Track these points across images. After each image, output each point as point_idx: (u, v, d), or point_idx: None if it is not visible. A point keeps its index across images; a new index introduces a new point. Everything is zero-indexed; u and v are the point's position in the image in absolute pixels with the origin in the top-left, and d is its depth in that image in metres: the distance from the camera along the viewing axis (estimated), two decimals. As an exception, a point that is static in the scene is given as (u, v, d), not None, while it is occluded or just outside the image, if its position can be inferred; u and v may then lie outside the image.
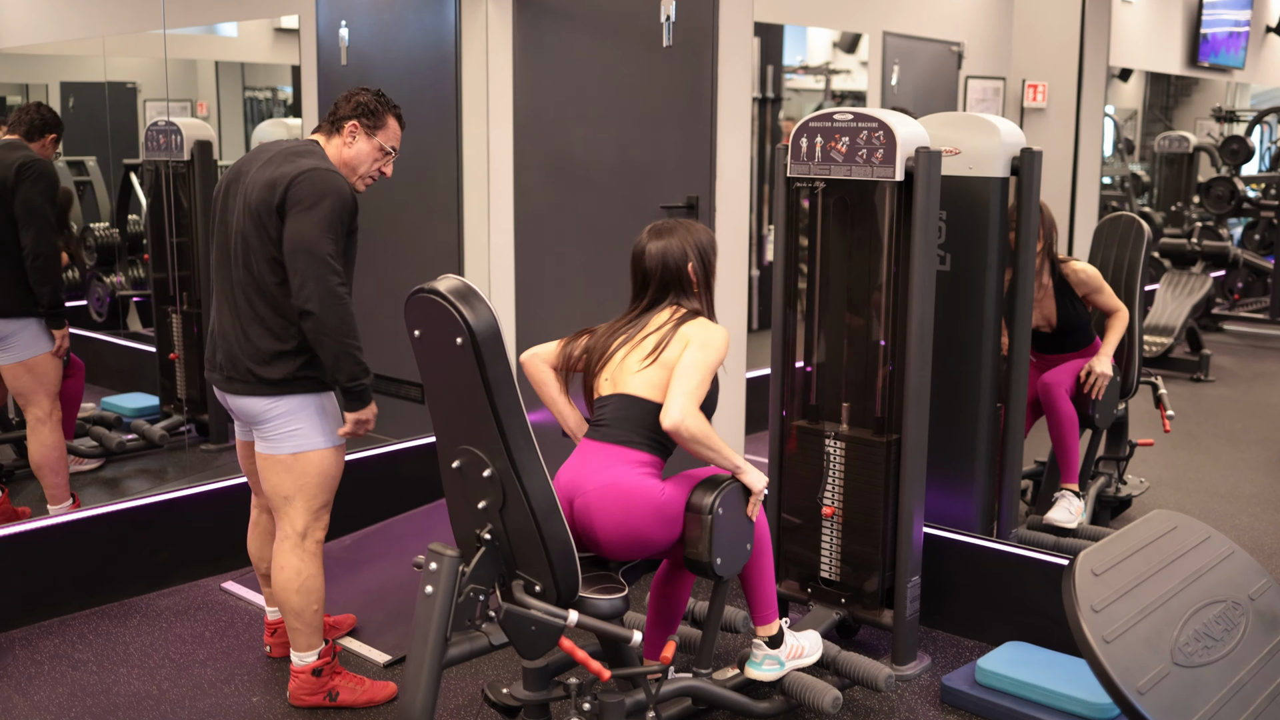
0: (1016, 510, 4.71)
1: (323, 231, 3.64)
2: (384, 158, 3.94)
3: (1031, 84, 8.17)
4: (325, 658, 3.95)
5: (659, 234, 3.61)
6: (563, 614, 3.27)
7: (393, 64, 5.69)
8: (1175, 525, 3.09)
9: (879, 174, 4.02)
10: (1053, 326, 5.04)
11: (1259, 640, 2.90)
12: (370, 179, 3.96)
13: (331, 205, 3.66)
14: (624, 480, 3.42)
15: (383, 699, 3.98)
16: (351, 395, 3.78)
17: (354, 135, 3.88)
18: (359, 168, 3.91)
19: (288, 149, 3.83)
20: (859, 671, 3.79)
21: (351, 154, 3.89)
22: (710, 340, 3.48)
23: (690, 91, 4.87)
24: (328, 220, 3.65)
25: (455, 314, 3.08)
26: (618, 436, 3.48)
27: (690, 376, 3.41)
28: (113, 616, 4.66)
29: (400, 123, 3.98)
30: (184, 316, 6.19)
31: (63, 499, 5.19)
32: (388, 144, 3.93)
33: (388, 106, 3.93)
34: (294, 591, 3.88)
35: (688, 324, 3.53)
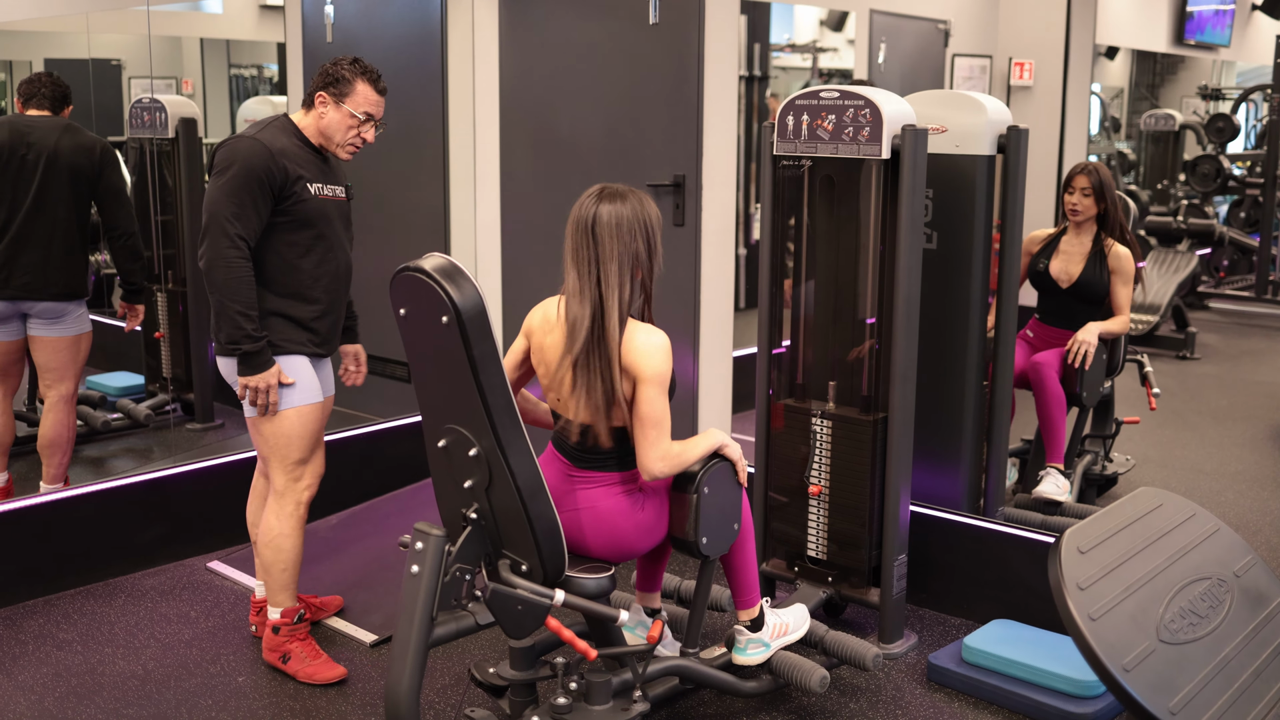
0: (1003, 488, 4.72)
1: (224, 195, 3.73)
2: (360, 125, 3.93)
3: (1018, 62, 8.16)
4: (287, 619, 4.02)
5: (611, 198, 3.29)
6: (549, 593, 3.26)
7: (378, 41, 5.66)
8: (1160, 503, 3.10)
9: (865, 152, 4.01)
10: (1071, 282, 5.05)
11: (1244, 617, 2.90)
12: (352, 146, 3.97)
13: (236, 172, 3.74)
14: (601, 502, 3.40)
15: (324, 679, 3.97)
16: (237, 359, 3.81)
17: (324, 105, 3.91)
18: (334, 136, 3.93)
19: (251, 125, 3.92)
20: (846, 651, 3.80)
21: (325, 124, 3.92)
22: (654, 370, 3.26)
23: (677, 69, 4.85)
24: (229, 185, 3.74)
25: (441, 292, 3.06)
26: (586, 462, 3.42)
27: (650, 422, 3.28)
28: (98, 596, 4.65)
29: (376, 88, 3.94)
30: (169, 295, 6.17)
31: (60, 479, 5.21)
32: (359, 110, 3.90)
33: (357, 72, 3.91)
34: (265, 545, 4.02)
35: (626, 345, 3.27)
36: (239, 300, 3.74)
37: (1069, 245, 5.10)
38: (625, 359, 3.26)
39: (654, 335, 3.30)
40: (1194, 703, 2.60)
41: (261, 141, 3.80)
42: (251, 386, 3.83)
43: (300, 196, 3.85)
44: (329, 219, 3.95)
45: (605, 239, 3.26)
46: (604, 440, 3.34)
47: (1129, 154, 11.36)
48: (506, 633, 3.32)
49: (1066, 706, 3.72)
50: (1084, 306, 5.08)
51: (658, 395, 3.29)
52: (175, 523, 4.99)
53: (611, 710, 3.40)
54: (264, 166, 3.76)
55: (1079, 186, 5.04)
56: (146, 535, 4.91)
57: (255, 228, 3.78)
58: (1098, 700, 3.72)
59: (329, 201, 3.95)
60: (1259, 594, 2.99)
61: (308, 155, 3.93)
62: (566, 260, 3.32)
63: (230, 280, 3.72)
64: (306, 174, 3.87)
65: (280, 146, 3.83)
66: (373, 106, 3.94)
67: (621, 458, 3.42)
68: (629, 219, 3.28)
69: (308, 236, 3.89)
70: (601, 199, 3.30)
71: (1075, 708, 3.71)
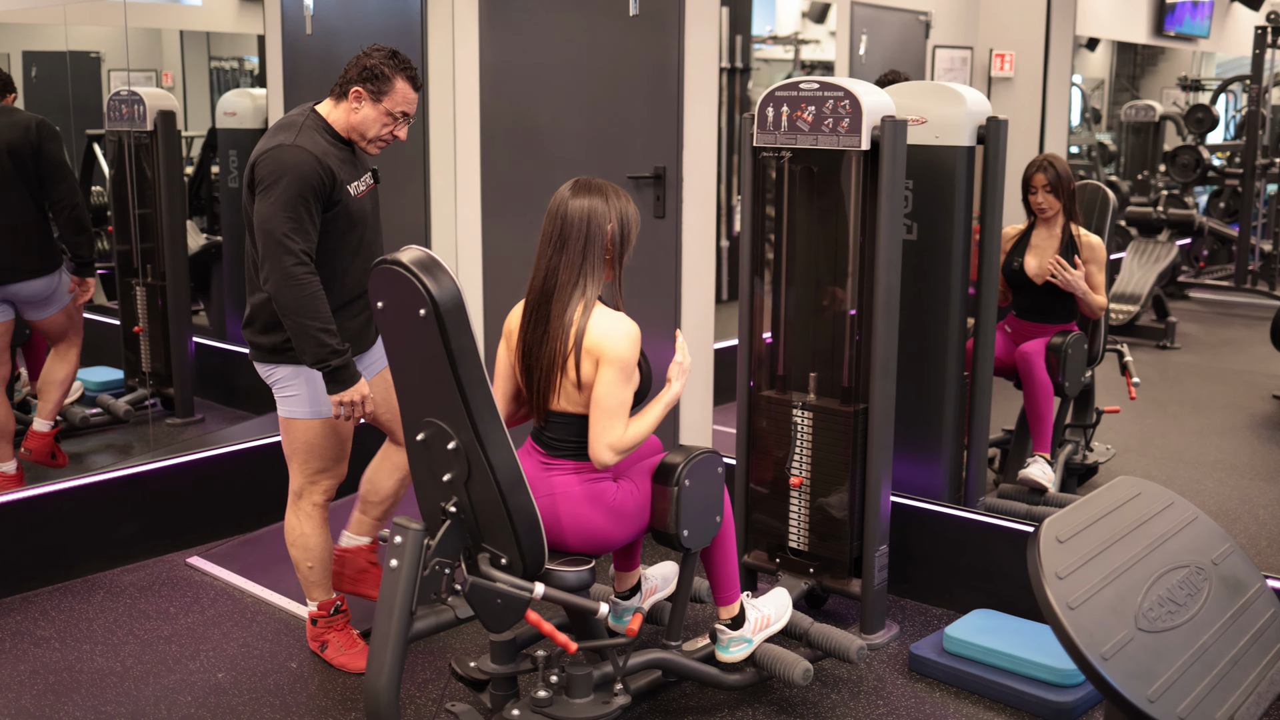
0: (984, 478, 4.73)
1: (277, 211, 3.61)
2: (394, 122, 3.82)
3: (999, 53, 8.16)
4: (323, 611, 4.04)
5: (585, 190, 3.39)
6: (529, 587, 3.26)
7: (358, 33, 5.63)
8: (1139, 491, 3.09)
9: (845, 143, 4.01)
10: (1043, 279, 5.06)
11: (1222, 604, 2.91)
12: (382, 143, 3.86)
13: (288, 184, 3.61)
14: (576, 487, 3.41)
15: (355, 668, 3.98)
16: (326, 377, 3.71)
17: (359, 100, 3.78)
18: (367, 132, 3.81)
19: (278, 123, 3.82)
20: (831, 643, 3.80)
21: (358, 119, 3.80)
22: (618, 353, 3.30)
23: (657, 61, 4.84)
24: (283, 200, 3.61)
25: (418, 285, 3.06)
26: (561, 451, 3.44)
27: (606, 409, 3.30)
28: (76, 593, 4.63)
29: (414, 85, 3.82)
30: (148, 289, 6.14)
31: (53, 418, 5.37)
32: (396, 109, 3.79)
33: (397, 69, 3.78)
34: (290, 545, 4.02)
35: (592, 327, 3.33)
36: (317, 318, 3.62)
37: (1040, 240, 5.09)
38: (589, 340, 3.31)
39: (622, 321, 3.35)
40: (1172, 690, 2.61)
41: (306, 149, 3.66)
42: (345, 402, 3.72)
43: (344, 201, 3.75)
44: (366, 215, 3.88)
45: (575, 226, 3.34)
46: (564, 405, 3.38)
47: (1110, 145, 11.37)
48: (486, 626, 3.32)
49: (1047, 695, 3.73)
50: (1060, 302, 5.08)
51: (616, 380, 3.30)
52: (154, 518, 4.97)
53: (593, 703, 3.40)
54: (315, 175, 3.64)
55: (1039, 185, 5.02)
56: (125, 531, 4.89)
57: (314, 239, 3.67)
58: (1078, 689, 3.74)
59: (362, 197, 3.87)
60: (1237, 582, 3.00)
61: (341, 152, 3.82)
62: (538, 247, 3.41)
63: (304, 299, 3.60)
64: (345, 175, 3.77)
65: (322, 150, 3.71)
66: (410, 105, 3.82)
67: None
68: (601, 210, 3.36)
69: (354, 239, 3.82)
70: (576, 190, 3.38)
71: (1056, 696, 3.72)
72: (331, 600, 4.06)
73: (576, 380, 3.34)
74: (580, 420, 3.39)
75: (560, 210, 3.38)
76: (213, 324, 6.94)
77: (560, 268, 3.35)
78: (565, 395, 3.37)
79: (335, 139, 3.82)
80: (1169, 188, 10.23)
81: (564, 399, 3.38)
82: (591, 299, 3.35)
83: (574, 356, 3.32)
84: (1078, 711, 3.73)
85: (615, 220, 3.38)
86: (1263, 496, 5.40)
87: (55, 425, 5.43)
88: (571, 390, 3.36)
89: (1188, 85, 10.75)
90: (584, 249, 3.35)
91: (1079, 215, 5.09)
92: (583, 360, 3.32)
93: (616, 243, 3.40)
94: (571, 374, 3.33)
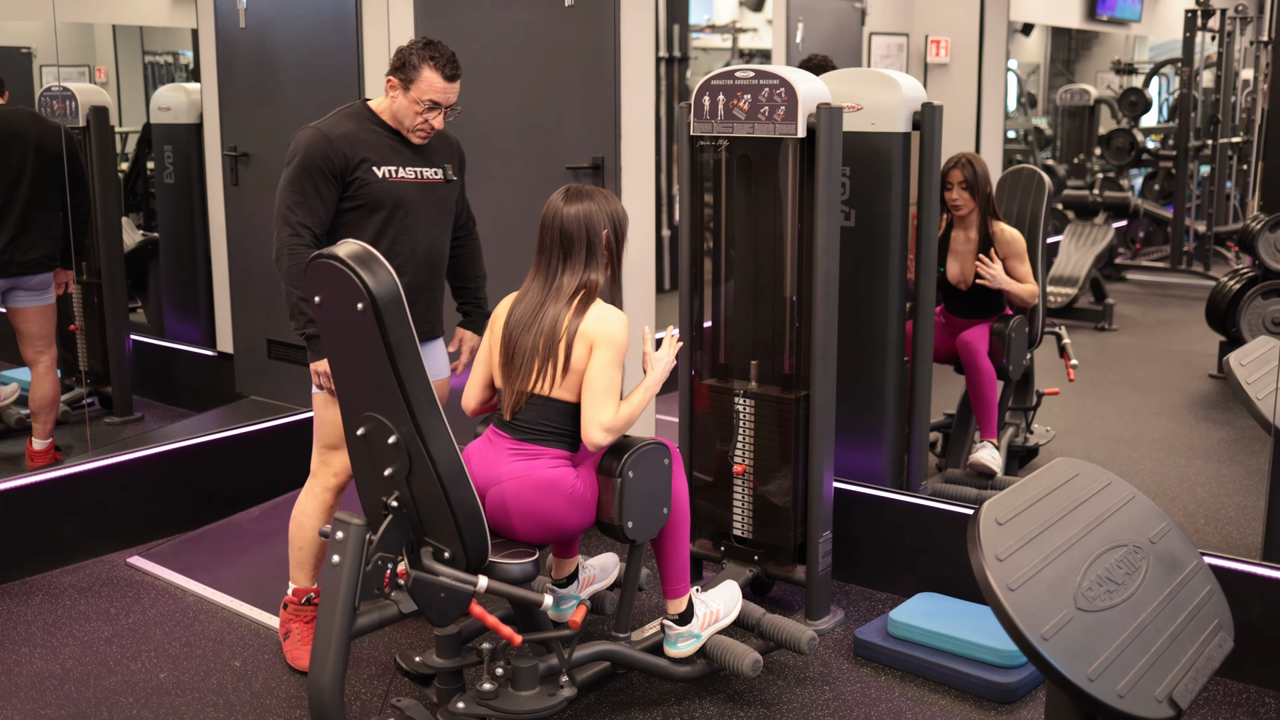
0: (925, 463, 4.76)
1: (286, 185, 3.77)
2: (429, 111, 3.83)
3: (934, 39, 8.22)
4: (295, 598, 4.04)
5: (578, 197, 3.52)
6: (472, 580, 3.25)
7: (292, 26, 5.59)
8: (1077, 472, 3.12)
9: (781, 131, 4.02)
10: (968, 285, 5.08)
11: (1160, 582, 2.94)
12: (422, 132, 3.88)
13: (299, 162, 3.75)
14: (536, 471, 3.42)
15: (303, 665, 3.94)
16: (308, 345, 3.82)
17: (393, 89, 3.85)
18: (405, 121, 3.85)
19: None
20: (782, 634, 3.80)
21: (396, 108, 3.85)
22: (612, 337, 3.41)
23: (593, 52, 4.84)
24: (291, 175, 3.76)
25: (355, 279, 3.04)
26: (530, 435, 3.46)
27: (600, 389, 3.38)
28: (13, 595, 4.58)
29: (444, 74, 3.81)
30: (84, 287, 6.07)
31: (50, 434, 5.54)
32: (423, 98, 3.80)
33: (425, 58, 3.79)
34: (292, 519, 4.02)
35: (588, 316, 3.43)
36: (300, 287, 3.68)
37: (959, 244, 5.10)
38: (585, 326, 3.41)
39: (616, 311, 3.49)
40: (1112, 668, 2.63)
41: (320, 129, 3.79)
42: (316, 371, 3.83)
43: (364, 180, 3.80)
44: (404, 201, 3.86)
45: (574, 232, 3.48)
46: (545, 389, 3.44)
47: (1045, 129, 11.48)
48: (431, 621, 3.31)
49: (990, 676, 3.76)
50: (987, 301, 5.12)
51: (611, 362, 3.40)
52: (94, 518, 4.92)
53: (538, 695, 3.39)
54: (321, 153, 3.74)
55: (955, 181, 5.00)
56: (64, 531, 4.83)
57: (321, 215, 3.77)
58: (1020, 670, 3.77)
59: (406, 184, 3.86)
60: (1174, 560, 3.03)
61: (381, 138, 3.86)
62: (535, 257, 3.56)
63: (294, 268, 3.69)
64: (373, 157, 3.81)
65: (342, 131, 3.79)
66: (439, 94, 3.82)
67: (569, 436, 3.47)
68: (596, 215, 3.50)
69: (378, 219, 3.83)
70: (569, 198, 3.52)
71: (999, 677, 3.75)
72: (306, 590, 4.03)
73: (565, 365, 3.40)
74: (557, 405, 3.43)
75: (557, 219, 3.50)
76: (151, 321, 6.88)
77: (562, 274, 3.48)
78: (550, 379, 3.42)
79: (381, 126, 3.89)
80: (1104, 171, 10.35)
81: (547, 383, 3.43)
82: (591, 292, 3.48)
83: (564, 343, 3.40)
84: (1020, 692, 3.77)
85: (609, 223, 3.52)
86: (1200, 475, 5.48)
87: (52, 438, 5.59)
88: (557, 375, 3.41)
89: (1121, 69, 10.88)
90: (586, 255, 3.48)
91: (997, 213, 5.09)
92: (576, 345, 3.40)
93: (613, 244, 3.54)
94: (561, 359, 3.40)
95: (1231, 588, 3.29)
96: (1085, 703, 2.59)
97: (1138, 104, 10.26)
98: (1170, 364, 7.52)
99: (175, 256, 6.70)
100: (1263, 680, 3.81)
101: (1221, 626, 3.01)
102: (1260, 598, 3.78)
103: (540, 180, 5.09)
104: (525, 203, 5.20)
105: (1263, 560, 3.88)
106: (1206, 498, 5.17)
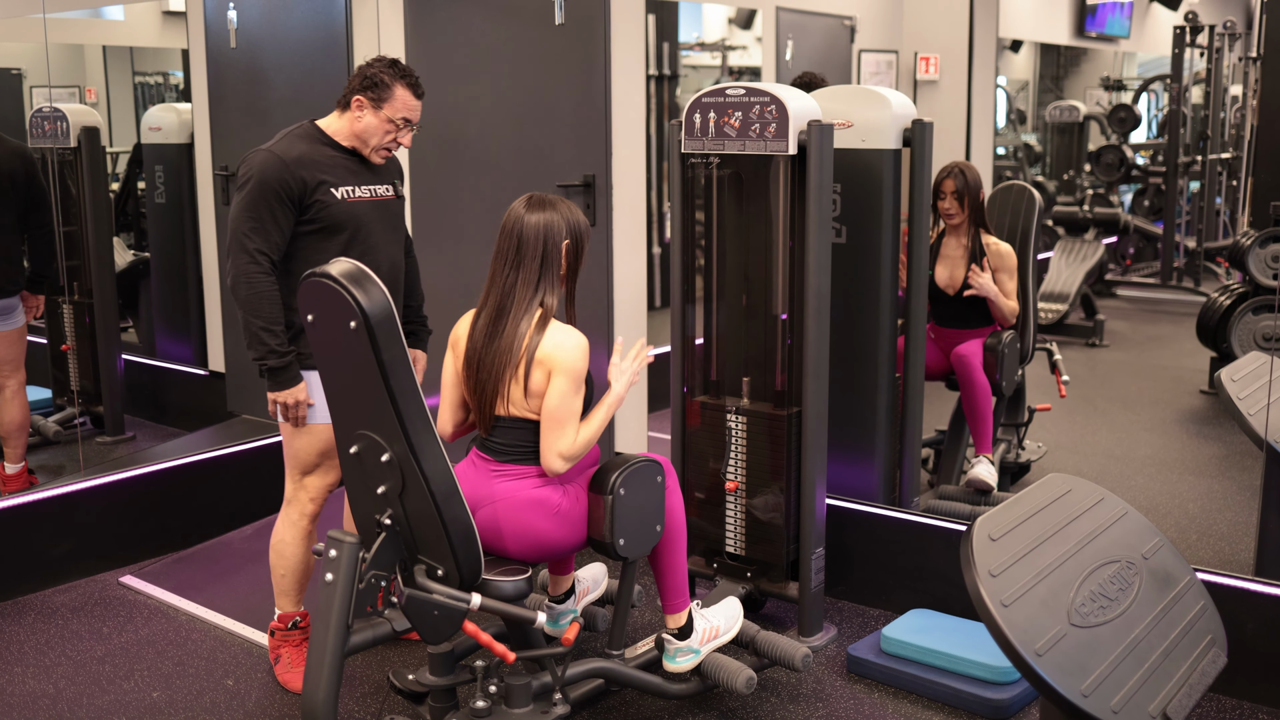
0: (918, 479, 4.76)
1: (241, 211, 3.69)
2: (397, 130, 3.85)
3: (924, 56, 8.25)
4: (281, 624, 4.03)
5: (540, 206, 3.46)
6: (465, 598, 3.25)
7: (283, 46, 5.60)
8: (1070, 488, 3.13)
9: (772, 148, 4.03)
10: (956, 290, 5.09)
11: (1152, 598, 2.95)
12: (385, 151, 3.89)
13: (254, 186, 3.69)
14: (522, 492, 3.41)
15: (296, 687, 3.95)
16: (265, 375, 3.77)
17: (361, 109, 3.82)
18: (370, 140, 3.84)
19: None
20: (777, 651, 3.79)
21: (361, 128, 3.83)
22: (569, 364, 3.34)
23: (584, 69, 4.85)
24: (247, 200, 3.69)
25: (348, 297, 3.04)
26: (509, 456, 3.45)
27: (557, 420, 3.34)
28: (6, 615, 4.56)
29: (415, 93, 3.84)
30: (75, 307, 6.07)
31: (23, 458, 5.50)
32: (397, 116, 3.81)
33: (397, 76, 3.81)
34: (271, 548, 4.03)
35: (545, 339, 3.37)
36: (261, 316, 3.67)
37: (950, 249, 5.13)
38: (542, 351, 3.35)
39: (573, 334, 3.40)
40: (1105, 684, 2.64)
41: (274, 153, 3.73)
42: (280, 402, 3.79)
43: (324, 202, 3.76)
44: (363, 221, 3.84)
45: (532, 242, 3.41)
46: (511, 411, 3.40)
47: (1035, 146, 11.51)
48: (424, 638, 3.31)
49: (983, 693, 3.76)
50: (975, 310, 5.13)
51: (568, 390, 3.34)
52: (86, 538, 4.91)
53: (531, 713, 3.39)
54: (278, 178, 3.68)
55: (947, 190, 5.05)
56: (57, 551, 4.83)
57: (277, 240, 3.71)
58: (1014, 686, 3.77)
59: (363, 203, 3.85)
60: (1167, 575, 3.04)
61: (336, 158, 3.84)
62: (491, 264, 3.48)
63: (252, 296, 3.66)
64: (331, 178, 3.79)
65: (297, 154, 3.75)
66: (411, 112, 3.84)
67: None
68: (557, 224, 3.44)
69: (339, 241, 3.79)
70: (530, 206, 3.45)
71: (992, 694, 3.75)
72: (292, 614, 4.03)
73: (525, 388, 3.36)
74: (528, 425, 3.41)
75: (516, 227, 3.44)
76: (142, 341, 6.87)
77: (518, 283, 3.42)
78: (513, 402, 3.39)
79: (333, 146, 3.86)
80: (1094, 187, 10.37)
81: (512, 405, 3.40)
82: (548, 312, 3.41)
83: (524, 365, 3.35)
84: (1014, 708, 3.77)
85: (569, 234, 3.46)
86: (1191, 490, 5.48)
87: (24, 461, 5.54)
88: (519, 398, 3.38)
89: (1110, 85, 10.90)
90: (541, 264, 3.42)
91: (988, 224, 5.12)
92: (534, 370, 3.35)
93: (571, 256, 3.48)
94: (521, 381, 3.36)
95: (1224, 603, 3.30)
96: (1079, 719, 2.60)
97: (1127, 120, 10.28)
98: (1161, 380, 7.53)
99: (166, 276, 6.70)
100: (1256, 696, 3.81)
101: (1215, 642, 3.02)
102: (1253, 613, 3.79)
103: (532, 198, 5.10)
104: (517, 221, 5.20)
105: (1255, 576, 3.89)
106: (1198, 513, 5.18)
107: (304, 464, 3.93)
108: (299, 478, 3.96)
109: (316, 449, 3.92)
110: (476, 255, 5.35)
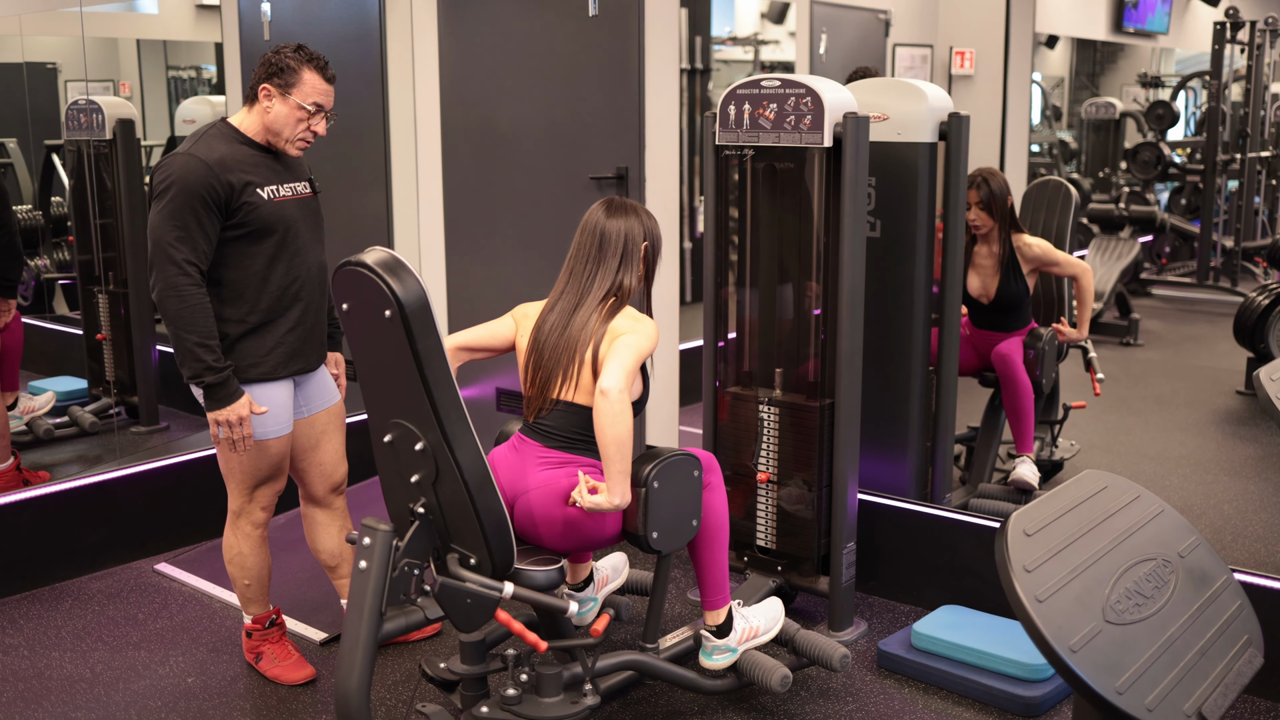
0: (950, 475, 4.74)
1: (164, 220, 3.51)
2: (310, 116, 3.69)
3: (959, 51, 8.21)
4: (258, 624, 4.00)
5: (621, 211, 3.52)
6: (498, 586, 3.25)
7: (316, 38, 5.60)
8: (1106, 485, 3.11)
9: (807, 140, 4.02)
10: (990, 299, 5.07)
11: (1188, 597, 2.92)
12: (303, 141, 3.72)
13: (175, 193, 3.50)
14: (561, 481, 3.40)
15: (291, 679, 3.95)
16: (203, 394, 3.61)
17: (269, 99, 3.66)
18: (283, 131, 3.68)
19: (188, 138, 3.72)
20: (816, 651, 3.77)
21: (271, 119, 3.67)
22: (643, 329, 3.40)
23: (618, 61, 4.84)
24: (169, 208, 3.50)
25: (383, 286, 3.04)
26: (557, 441, 3.45)
27: (626, 353, 3.32)
28: (44, 600, 4.60)
29: (323, 76, 3.68)
30: (110, 297, 6.10)
31: (5, 459, 5.24)
32: (307, 101, 3.64)
33: (303, 60, 3.65)
34: (228, 562, 3.95)
35: (618, 318, 3.42)
36: (195, 331, 3.51)
37: (982, 257, 5.09)
38: (614, 324, 3.41)
39: (647, 317, 3.50)
40: (1140, 682, 2.62)
41: (196, 156, 3.54)
42: (221, 421, 3.60)
43: (252, 204, 3.59)
44: (290, 221, 3.71)
45: (614, 242, 3.50)
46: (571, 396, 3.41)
47: (1070, 143, 11.44)
48: (456, 626, 3.31)
49: (1015, 690, 3.74)
50: (1008, 314, 5.11)
51: (636, 343, 3.35)
52: (122, 526, 4.94)
53: (562, 702, 3.39)
54: (203, 183, 3.50)
55: (971, 201, 4.96)
56: (93, 539, 4.86)
57: (205, 250, 3.54)
58: (1046, 683, 3.75)
59: (288, 202, 3.72)
60: (1203, 574, 3.01)
61: (255, 157, 3.67)
62: (568, 260, 3.55)
63: (184, 311, 3.49)
64: (255, 178, 3.62)
65: (219, 156, 3.57)
66: (322, 96, 3.69)
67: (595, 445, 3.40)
68: (637, 230, 3.53)
69: (270, 245, 3.66)
70: (611, 211, 3.54)
71: (1024, 691, 3.74)
72: (266, 614, 4.01)
73: (592, 369, 3.38)
74: (584, 411, 3.41)
75: (598, 227, 3.51)
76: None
77: (598, 277, 3.48)
78: (581, 387, 3.41)
79: (250, 145, 3.71)
80: (1130, 185, 10.30)
81: (579, 391, 3.41)
82: (622, 303, 3.48)
83: (593, 344, 3.39)
84: (1046, 705, 3.75)
85: (648, 237, 3.54)
86: (1227, 491, 5.45)
87: (15, 458, 5.37)
88: (588, 382, 3.39)
89: (1147, 82, 10.82)
90: (620, 262, 3.49)
91: (1020, 225, 5.08)
92: (603, 345, 3.39)
93: (649, 259, 3.55)
94: (589, 361, 3.39)
95: (1260, 604, 3.27)
96: (1114, 716, 2.58)
97: (1164, 117, 10.21)
98: (1197, 380, 7.48)
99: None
100: (1291, 696, 3.79)
101: (1251, 642, 2.99)
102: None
103: (564, 191, 5.10)
104: (548, 213, 5.21)
105: (1291, 575, 3.86)
106: (1233, 514, 5.14)
107: (256, 479, 3.84)
108: (247, 491, 3.85)
109: (270, 463, 3.82)
110: (509, 248, 5.36)
